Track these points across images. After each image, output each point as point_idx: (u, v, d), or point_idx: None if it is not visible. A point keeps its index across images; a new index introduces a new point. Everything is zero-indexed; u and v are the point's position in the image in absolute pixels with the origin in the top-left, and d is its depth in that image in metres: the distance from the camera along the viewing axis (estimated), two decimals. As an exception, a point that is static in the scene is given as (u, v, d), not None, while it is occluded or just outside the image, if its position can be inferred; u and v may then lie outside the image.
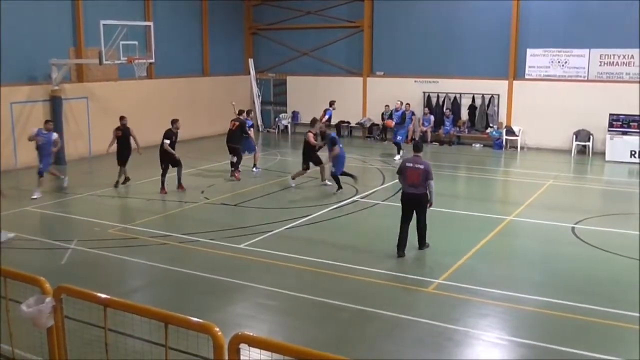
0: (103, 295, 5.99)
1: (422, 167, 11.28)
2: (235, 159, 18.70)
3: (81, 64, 22.13)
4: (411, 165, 11.38)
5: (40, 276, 6.44)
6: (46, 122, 16.80)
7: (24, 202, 15.69)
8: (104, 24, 19.37)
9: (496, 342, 8.17)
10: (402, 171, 11.55)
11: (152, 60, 21.73)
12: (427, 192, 11.32)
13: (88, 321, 6.71)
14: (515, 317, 8.94)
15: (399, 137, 22.12)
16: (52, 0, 21.08)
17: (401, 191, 11.70)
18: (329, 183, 17.33)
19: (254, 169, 19.34)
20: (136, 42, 20.54)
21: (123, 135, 17.19)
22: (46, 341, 6.40)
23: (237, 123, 18.76)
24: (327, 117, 22.22)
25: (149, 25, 21.98)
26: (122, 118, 17.42)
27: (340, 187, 16.64)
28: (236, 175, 18.44)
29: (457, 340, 8.22)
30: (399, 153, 21.85)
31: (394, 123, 22.20)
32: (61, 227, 14.07)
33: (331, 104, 22.77)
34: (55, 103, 20.95)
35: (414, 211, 11.48)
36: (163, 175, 16.64)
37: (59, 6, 21.43)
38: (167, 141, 16.47)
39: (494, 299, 9.45)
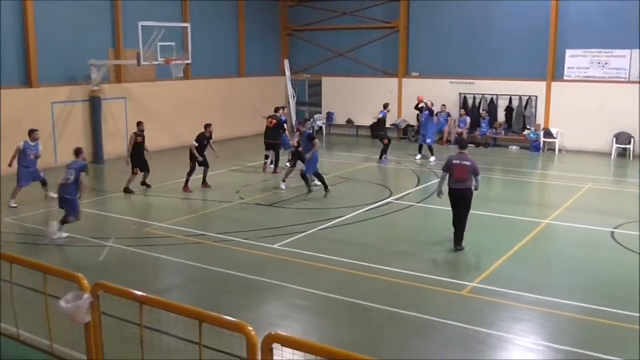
0: (139, 293, 6.08)
1: (469, 163, 11.70)
2: (271, 155, 19.32)
3: (119, 64, 22.47)
4: (458, 162, 11.75)
5: (78, 273, 6.56)
6: (32, 132, 15.45)
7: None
8: (142, 26, 19.64)
9: (531, 347, 8.05)
10: (448, 168, 11.84)
11: (189, 61, 21.95)
12: (474, 186, 11.75)
13: (124, 318, 6.80)
14: (551, 323, 8.80)
15: (428, 140, 21.89)
16: (92, 1, 21.46)
17: (448, 187, 11.89)
18: (283, 188, 17.05)
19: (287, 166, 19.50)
20: (173, 43, 20.78)
21: (142, 141, 16.91)
22: (83, 337, 6.52)
23: (274, 120, 19.23)
24: (381, 116, 21.92)
25: (186, 27, 22.21)
26: (140, 123, 17.06)
27: (309, 190, 16.56)
28: (276, 170, 19.14)
29: (490, 344, 8.13)
30: (432, 154, 21.64)
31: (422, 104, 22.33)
32: (99, 225, 14.29)
33: (385, 106, 22.16)
34: (94, 103, 21.35)
35: (459, 207, 11.79)
36: (189, 174, 16.85)
37: (98, 8, 21.79)
38: (195, 143, 16.73)
39: (530, 304, 9.33)
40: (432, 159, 21.36)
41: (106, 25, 22.18)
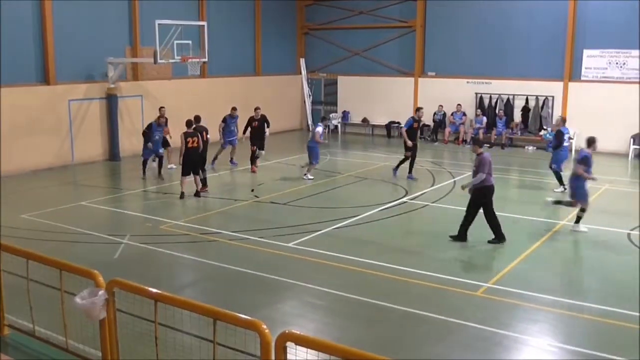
0: (154, 290, 6.10)
1: None
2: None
3: (136, 62, 22.57)
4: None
5: (94, 269, 6.60)
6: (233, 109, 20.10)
7: (79, 197, 16.12)
8: (159, 24, 19.70)
9: (547, 349, 8.00)
10: (490, 165, 12.33)
11: (205, 60, 21.98)
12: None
13: (139, 315, 6.83)
14: (567, 325, 8.74)
15: (554, 165, 17.03)
16: (109, 0, 21.56)
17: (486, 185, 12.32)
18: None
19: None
20: (190, 42, 20.83)
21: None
22: (98, 333, 6.55)
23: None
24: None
25: (203, 25, 22.24)
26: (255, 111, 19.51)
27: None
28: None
29: (506, 345, 8.08)
30: (562, 184, 16.57)
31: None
32: (114, 222, 14.38)
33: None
34: (111, 101, 21.44)
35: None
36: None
37: (116, 6, 21.87)
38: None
39: (545, 305, 9.26)
40: (560, 189, 16.75)
41: (123, 23, 22.28)
